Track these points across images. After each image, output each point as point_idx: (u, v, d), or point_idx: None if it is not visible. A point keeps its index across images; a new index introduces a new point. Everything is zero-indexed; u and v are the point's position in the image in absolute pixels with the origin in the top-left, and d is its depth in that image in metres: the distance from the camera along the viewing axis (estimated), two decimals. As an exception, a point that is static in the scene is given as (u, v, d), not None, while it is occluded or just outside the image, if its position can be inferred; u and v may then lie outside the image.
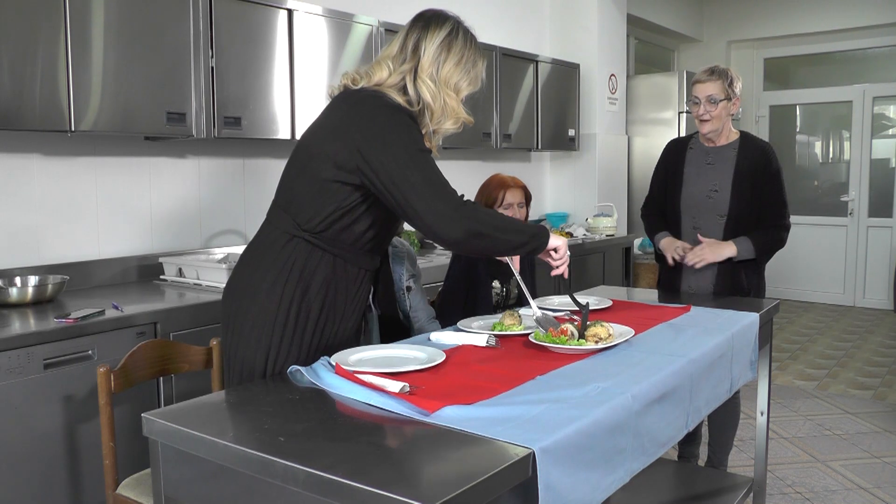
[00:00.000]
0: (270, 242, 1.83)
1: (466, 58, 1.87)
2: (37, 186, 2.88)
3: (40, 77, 2.50)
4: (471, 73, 1.89)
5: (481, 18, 5.01)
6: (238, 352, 1.82)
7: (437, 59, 1.83)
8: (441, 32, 1.84)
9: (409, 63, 1.83)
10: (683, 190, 2.98)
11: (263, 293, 1.80)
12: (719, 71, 2.89)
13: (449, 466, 1.23)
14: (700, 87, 2.89)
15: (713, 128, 2.89)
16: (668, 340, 2.04)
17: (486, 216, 1.78)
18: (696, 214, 2.94)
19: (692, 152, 3.03)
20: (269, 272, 1.80)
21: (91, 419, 2.35)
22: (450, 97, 1.85)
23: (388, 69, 1.83)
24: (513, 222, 1.87)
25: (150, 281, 3.15)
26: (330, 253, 1.81)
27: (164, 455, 1.44)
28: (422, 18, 1.89)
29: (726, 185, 2.89)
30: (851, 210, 7.49)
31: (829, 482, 3.31)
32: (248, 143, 3.54)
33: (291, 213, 1.80)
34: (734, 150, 2.92)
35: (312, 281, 1.80)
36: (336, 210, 1.76)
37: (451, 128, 1.90)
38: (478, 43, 1.92)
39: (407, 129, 1.75)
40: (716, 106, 2.85)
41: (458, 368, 1.74)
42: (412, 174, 1.68)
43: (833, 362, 5.37)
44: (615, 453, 1.49)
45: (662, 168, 3.13)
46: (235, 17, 3.08)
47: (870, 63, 7.68)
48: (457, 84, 1.87)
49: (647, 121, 6.22)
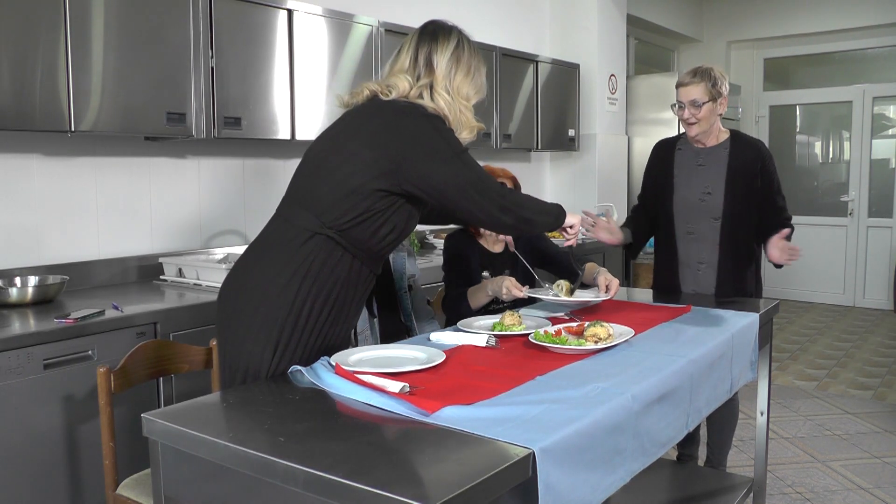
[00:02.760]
0: (288, 239, 1.81)
1: (473, 67, 1.95)
2: (37, 186, 2.88)
3: (40, 77, 2.50)
4: (477, 81, 1.97)
5: (481, 18, 5.01)
6: (243, 350, 1.79)
7: (450, 72, 1.90)
8: (450, 45, 1.92)
9: (426, 78, 1.89)
10: (675, 193, 2.91)
11: (276, 290, 1.78)
12: (702, 72, 2.80)
13: (449, 466, 1.23)
14: (682, 90, 2.80)
15: (700, 130, 2.82)
16: (668, 341, 2.04)
17: (527, 202, 1.99)
18: (690, 218, 2.89)
19: (681, 154, 2.96)
20: (285, 269, 1.78)
21: (91, 419, 2.35)
22: (464, 107, 1.92)
23: (408, 83, 1.88)
24: (540, 204, 2.05)
25: (150, 281, 3.15)
26: (350, 253, 1.81)
27: (164, 455, 1.44)
28: (427, 32, 1.94)
29: (719, 186, 2.83)
30: (851, 210, 7.49)
31: (829, 482, 3.31)
32: (248, 144, 3.54)
33: (315, 211, 1.80)
34: (725, 149, 2.86)
35: (328, 280, 1.80)
36: (363, 213, 1.78)
37: (468, 137, 1.95)
38: (479, 51, 1.99)
39: (448, 135, 1.84)
40: (700, 109, 2.77)
41: (458, 368, 1.74)
42: (459, 177, 1.80)
43: (833, 362, 5.37)
44: (615, 454, 1.49)
45: (651, 171, 3.07)
46: (235, 17, 3.08)
47: (870, 63, 7.68)
48: (467, 93, 1.94)
49: (646, 121, 6.22)
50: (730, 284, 2.86)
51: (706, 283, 2.89)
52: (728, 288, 2.86)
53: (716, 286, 2.87)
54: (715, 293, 2.87)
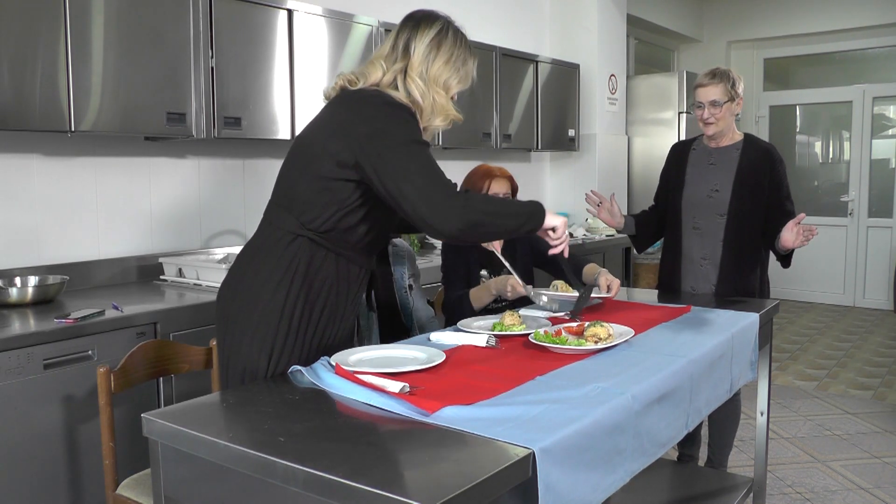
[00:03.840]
0: (273, 242, 1.82)
1: (456, 56, 1.89)
2: (37, 186, 2.88)
3: (40, 77, 2.50)
4: (460, 71, 1.91)
5: (481, 18, 5.01)
6: (240, 352, 1.81)
7: (427, 57, 1.85)
8: (431, 31, 1.87)
9: (401, 62, 1.85)
10: (685, 190, 2.99)
11: (268, 293, 1.79)
12: (721, 73, 2.88)
13: (449, 467, 1.23)
14: (702, 91, 2.89)
15: (717, 129, 2.89)
16: (668, 341, 2.04)
17: (481, 204, 1.75)
18: (697, 214, 2.95)
19: (695, 153, 3.04)
20: (274, 272, 1.79)
21: (91, 419, 2.35)
22: (439, 95, 1.86)
23: (381, 69, 1.85)
24: (508, 205, 1.87)
25: (150, 281, 3.15)
26: (334, 252, 1.81)
27: (164, 455, 1.44)
28: (412, 18, 1.91)
29: (727, 184, 2.89)
30: (851, 210, 7.49)
31: (829, 482, 3.31)
32: (248, 144, 3.54)
33: (295, 213, 1.80)
34: (737, 150, 2.93)
35: (316, 280, 1.80)
36: (339, 210, 1.77)
37: (441, 125, 1.91)
38: (468, 42, 1.95)
39: (405, 123, 1.76)
40: (719, 109, 2.85)
41: (458, 368, 1.73)
42: (407, 165, 1.68)
43: (833, 363, 5.37)
44: (615, 454, 1.49)
45: (665, 172, 3.14)
46: (235, 17, 3.08)
47: (870, 63, 7.68)
48: (446, 82, 1.89)
49: (646, 121, 6.22)
50: (731, 283, 2.88)
51: (707, 279, 2.92)
52: (728, 286, 2.88)
53: (717, 283, 2.90)
54: (715, 290, 2.90)
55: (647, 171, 6.16)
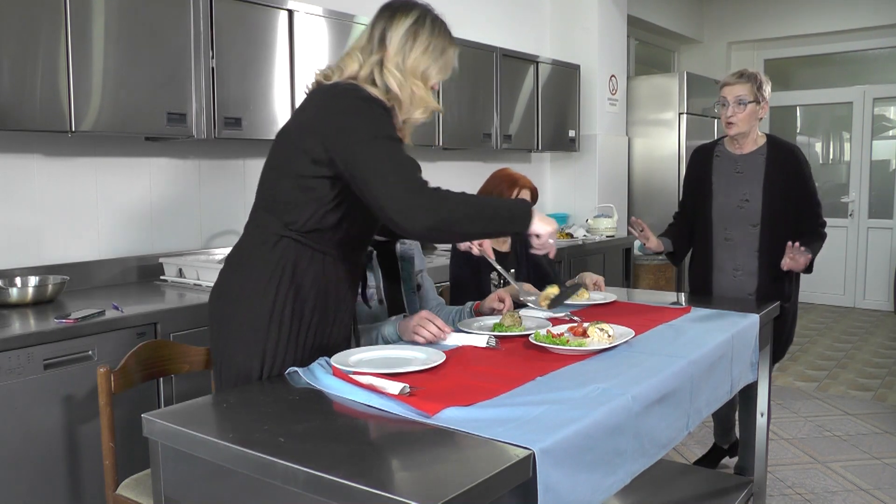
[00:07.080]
0: (259, 245, 1.80)
1: (434, 46, 1.82)
2: (37, 186, 2.88)
3: (41, 77, 2.50)
4: (439, 60, 1.84)
5: (481, 18, 5.01)
6: (233, 357, 1.80)
7: (403, 48, 1.79)
8: (406, 21, 1.80)
9: (377, 54, 1.79)
10: (714, 201, 2.96)
11: (256, 296, 1.77)
12: (748, 74, 2.86)
13: (449, 467, 1.23)
14: (728, 88, 2.86)
15: (740, 130, 2.86)
16: (669, 341, 2.04)
17: (455, 203, 1.66)
18: (728, 225, 2.93)
19: (719, 160, 2.99)
20: (262, 275, 1.77)
21: (91, 419, 2.35)
22: (417, 86, 1.80)
23: (358, 61, 1.80)
24: (485, 207, 1.76)
25: (150, 281, 3.15)
26: (320, 252, 1.79)
27: (164, 455, 1.44)
28: (388, 8, 1.85)
29: (757, 193, 2.87)
30: (852, 211, 7.49)
31: (829, 483, 3.31)
32: (248, 144, 3.53)
33: (277, 214, 1.78)
34: (762, 155, 2.90)
35: (304, 281, 1.79)
36: (319, 209, 1.74)
37: (421, 117, 1.85)
38: (448, 30, 1.87)
39: (377, 117, 1.71)
40: (744, 108, 2.83)
41: (457, 369, 1.73)
42: (378, 160, 1.63)
43: (833, 363, 5.36)
44: (615, 455, 1.49)
45: (690, 178, 3.11)
46: (236, 17, 3.08)
47: (870, 64, 7.68)
48: (424, 72, 1.82)
49: (647, 122, 6.22)
50: (768, 291, 2.87)
51: (741, 288, 2.91)
52: (766, 295, 2.86)
53: (755, 292, 2.89)
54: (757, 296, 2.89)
55: (647, 172, 6.16)
